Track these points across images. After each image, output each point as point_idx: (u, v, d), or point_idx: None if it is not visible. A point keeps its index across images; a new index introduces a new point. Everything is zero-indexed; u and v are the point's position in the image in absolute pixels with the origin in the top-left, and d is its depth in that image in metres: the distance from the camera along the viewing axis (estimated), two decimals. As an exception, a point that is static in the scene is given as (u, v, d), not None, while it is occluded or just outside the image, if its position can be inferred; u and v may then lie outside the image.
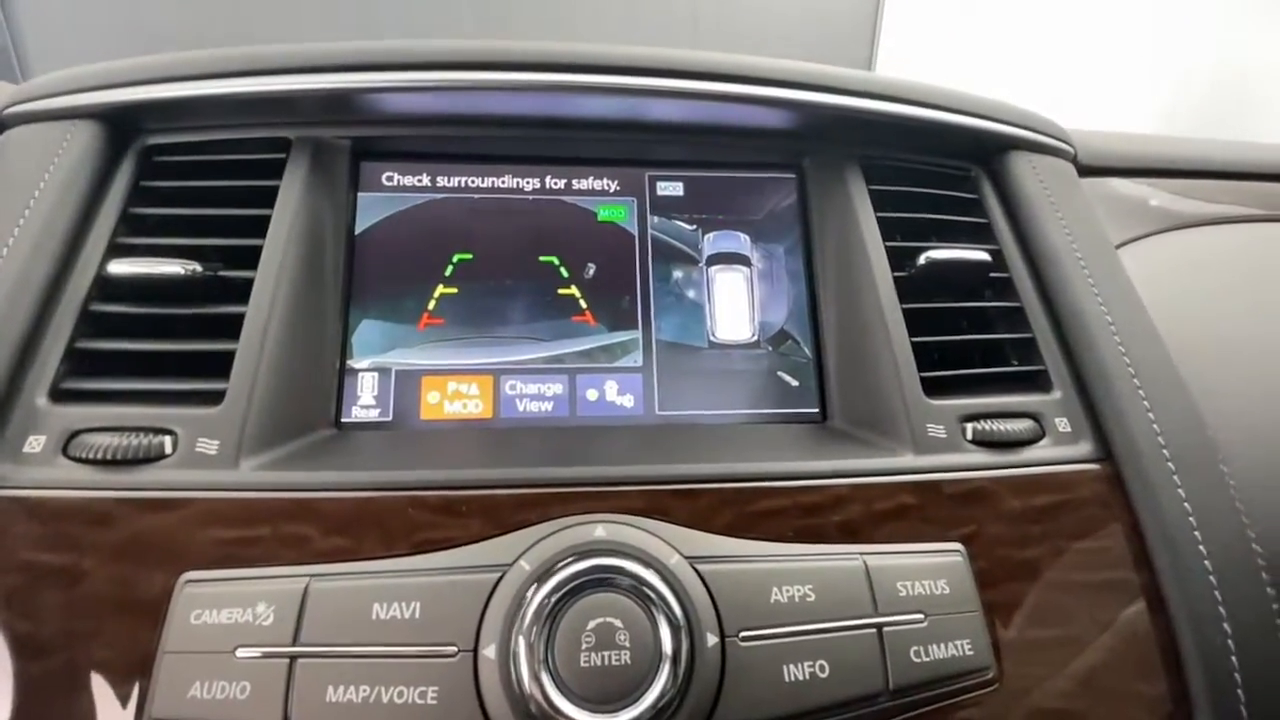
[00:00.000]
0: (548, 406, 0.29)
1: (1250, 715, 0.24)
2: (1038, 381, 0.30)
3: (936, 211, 0.33)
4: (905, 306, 0.29)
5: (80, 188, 0.28)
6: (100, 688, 0.20)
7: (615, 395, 0.29)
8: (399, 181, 0.31)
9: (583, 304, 0.30)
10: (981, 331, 0.31)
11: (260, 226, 0.28)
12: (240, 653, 0.20)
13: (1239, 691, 0.24)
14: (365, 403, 0.28)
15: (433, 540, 0.23)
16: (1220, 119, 1.02)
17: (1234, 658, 0.24)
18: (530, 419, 0.29)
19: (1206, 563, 0.25)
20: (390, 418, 0.28)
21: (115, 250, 0.27)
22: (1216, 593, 0.25)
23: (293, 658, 0.20)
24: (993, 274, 0.32)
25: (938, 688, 0.22)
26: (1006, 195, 0.34)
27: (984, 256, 0.31)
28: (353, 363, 0.29)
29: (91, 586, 0.21)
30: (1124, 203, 0.43)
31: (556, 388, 0.29)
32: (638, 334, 0.30)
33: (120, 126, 0.30)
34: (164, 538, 0.22)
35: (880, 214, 0.31)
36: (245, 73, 0.29)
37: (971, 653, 0.22)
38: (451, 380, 0.29)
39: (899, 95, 0.32)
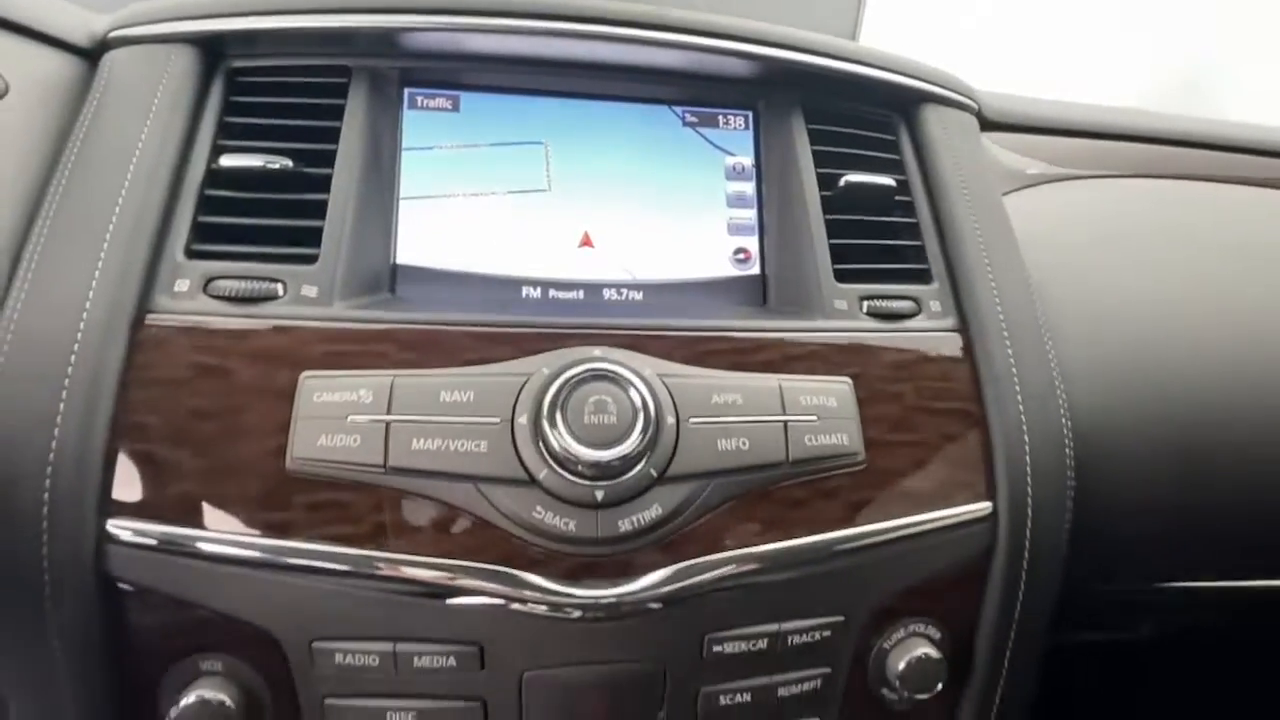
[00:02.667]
0: (572, 294, 0.38)
1: (1033, 499, 0.35)
2: (922, 276, 0.40)
3: (860, 147, 0.42)
4: (827, 217, 0.39)
5: (186, 101, 0.35)
6: (256, 441, 0.30)
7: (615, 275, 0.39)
8: (439, 104, 0.40)
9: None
10: (884, 238, 0.41)
11: (332, 135, 0.36)
12: (350, 418, 0.30)
13: (1028, 484, 0.35)
14: (418, 264, 0.37)
15: (475, 360, 0.32)
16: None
17: (1028, 460, 0.35)
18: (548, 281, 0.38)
19: (1019, 399, 0.36)
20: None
21: (218, 150, 0.35)
22: (1023, 418, 0.36)
23: (388, 423, 0.30)
24: (898, 197, 0.41)
25: (822, 464, 0.33)
26: (915, 138, 0.44)
27: (891, 182, 0.41)
28: (403, 237, 0.37)
29: (239, 379, 0.30)
30: (1018, 153, 0.53)
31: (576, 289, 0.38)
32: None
33: (210, 51, 0.37)
34: (285, 350, 0.31)
35: (815, 147, 0.41)
36: (312, 10, 0.37)
37: (847, 443, 0.33)
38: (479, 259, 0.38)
39: (836, 54, 0.41)
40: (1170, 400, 0.42)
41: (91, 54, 0.37)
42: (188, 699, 0.29)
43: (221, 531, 0.29)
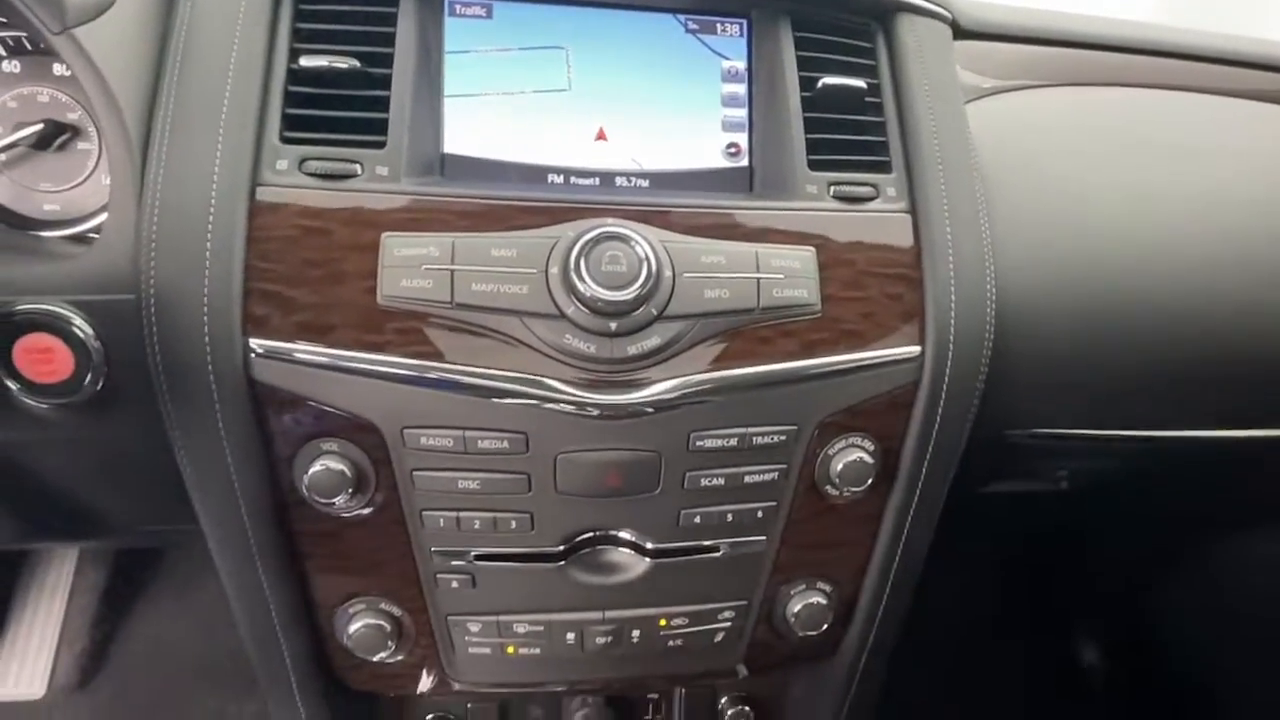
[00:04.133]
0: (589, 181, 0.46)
1: (954, 346, 0.44)
2: (883, 167, 0.47)
3: (839, 53, 0.49)
4: (806, 115, 0.46)
5: (265, 8, 0.42)
6: (353, 283, 0.39)
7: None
8: (474, 12, 0.46)
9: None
10: (853, 134, 0.48)
11: (389, 39, 0.43)
12: (424, 267, 0.39)
13: (951, 334, 0.44)
14: (462, 153, 0.45)
15: (516, 226, 0.41)
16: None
17: (953, 316, 0.44)
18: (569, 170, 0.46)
19: (951, 267, 0.45)
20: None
21: (295, 53, 0.42)
22: (952, 283, 0.44)
23: (452, 271, 0.39)
24: (869, 98, 0.48)
25: (786, 311, 0.42)
26: (890, 45, 0.50)
27: (863, 85, 0.47)
28: (448, 130, 0.45)
29: (336, 238, 0.39)
30: (989, 60, 0.59)
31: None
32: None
33: None
34: (368, 216, 0.40)
35: (799, 52, 0.47)
36: None
37: (807, 296, 0.42)
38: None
39: None
40: (1087, 275, 0.51)
41: None
42: (315, 469, 0.40)
43: (333, 348, 0.39)
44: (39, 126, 0.44)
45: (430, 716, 0.55)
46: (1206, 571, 1.05)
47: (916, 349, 0.44)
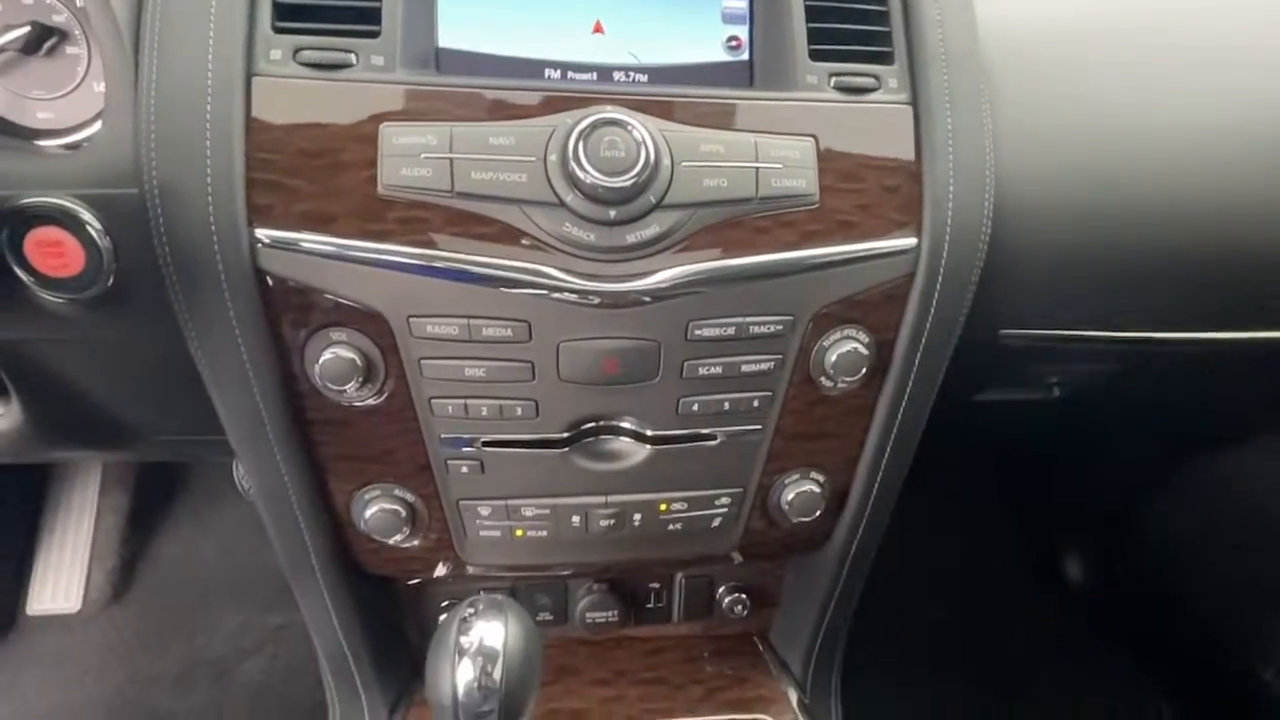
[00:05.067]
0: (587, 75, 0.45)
1: (950, 240, 0.45)
2: (885, 58, 0.47)
3: None
4: (807, 4, 0.45)
5: None
6: (353, 173, 0.39)
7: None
8: None
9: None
10: (856, 24, 0.47)
11: None
12: (423, 156, 0.39)
13: (948, 228, 0.44)
14: (457, 47, 0.44)
15: (513, 116, 0.41)
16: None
17: (950, 210, 0.44)
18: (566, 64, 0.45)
19: (950, 161, 0.44)
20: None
21: None
22: (951, 177, 0.44)
23: (451, 160, 0.39)
24: None
25: (783, 201, 0.42)
26: None
27: None
28: (442, 24, 0.44)
29: (334, 128, 0.39)
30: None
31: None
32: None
33: None
34: (365, 105, 0.40)
35: None
36: None
37: (805, 186, 0.42)
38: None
39: None
40: (1088, 173, 0.51)
41: None
42: (326, 357, 0.41)
43: (337, 237, 0.39)
44: (25, 29, 0.43)
45: (445, 604, 0.58)
46: (1192, 486, 1.09)
47: (912, 241, 0.45)
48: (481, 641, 0.32)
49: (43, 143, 0.46)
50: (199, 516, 1.34)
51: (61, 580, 1.24)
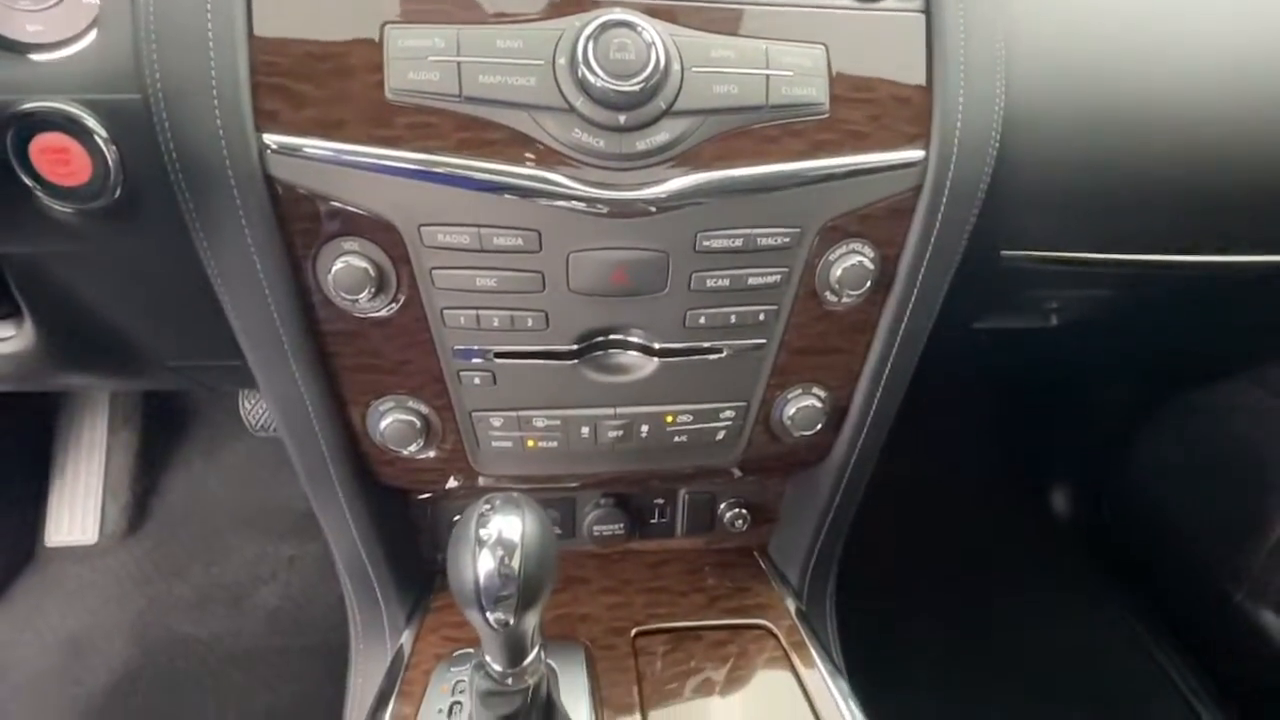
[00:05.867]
0: None
1: (958, 152, 0.45)
2: None
3: None
4: None
5: None
6: (360, 76, 0.39)
7: None
8: None
9: None
10: None
11: None
12: (430, 59, 0.39)
13: (956, 140, 0.44)
14: None
15: (520, 19, 0.40)
16: None
17: (959, 122, 0.44)
18: None
19: (962, 72, 0.44)
20: None
21: None
22: (961, 88, 0.44)
23: (459, 63, 0.39)
24: None
25: (793, 109, 0.42)
26: None
27: None
28: None
29: (337, 30, 0.38)
30: None
31: None
32: None
33: None
34: (368, 5, 0.39)
35: None
36: None
37: (815, 95, 0.42)
38: None
39: None
40: (1099, 91, 0.50)
41: None
42: (338, 266, 0.42)
43: (346, 143, 0.39)
44: None
45: (456, 518, 0.61)
46: (1181, 420, 1.12)
47: (921, 154, 0.45)
48: (500, 533, 0.34)
49: (35, 56, 0.45)
50: (207, 454, 1.37)
51: (77, 514, 1.28)
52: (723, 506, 0.64)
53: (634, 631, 0.57)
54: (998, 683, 1.04)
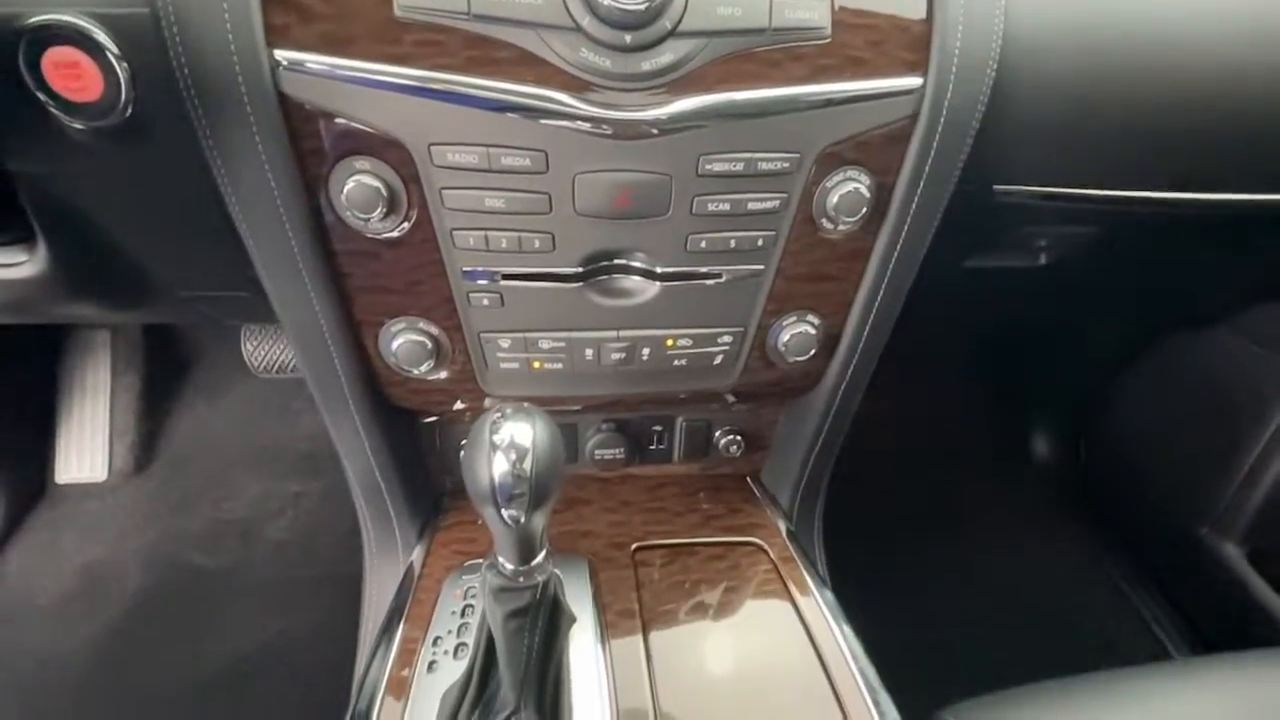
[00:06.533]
0: None
1: (955, 82, 0.46)
2: None
3: None
4: None
5: None
6: None
7: None
8: None
9: None
10: None
11: None
12: None
13: (953, 70, 0.45)
14: None
15: None
16: None
17: (957, 53, 0.45)
18: None
19: (962, 6, 0.44)
20: None
21: None
22: (961, 21, 0.45)
23: None
24: None
25: (796, 33, 0.43)
26: None
27: None
28: None
29: None
30: None
31: None
32: None
33: None
34: None
35: None
36: None
37: (817, 19, 0.43)
38: None
39: None
40: (1098, 22, 0.51)
41: None
42: (350, 185, 0.43)
43: (356, 60, 0.40)
44: None
45: (463, 442, 0.64)
46: (1158, 366, 1.15)
47: (919, 81, 0.46)
48: (513, 438, 0.36)
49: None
50: (210, 396, 1.39)
51: (85, 453, 1.30)
52: (718, 434, 0.67)
53: (634, 546, 0.60)
54: (968, 602, 1.11)
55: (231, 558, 1.22)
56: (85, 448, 1.31)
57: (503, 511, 0.36)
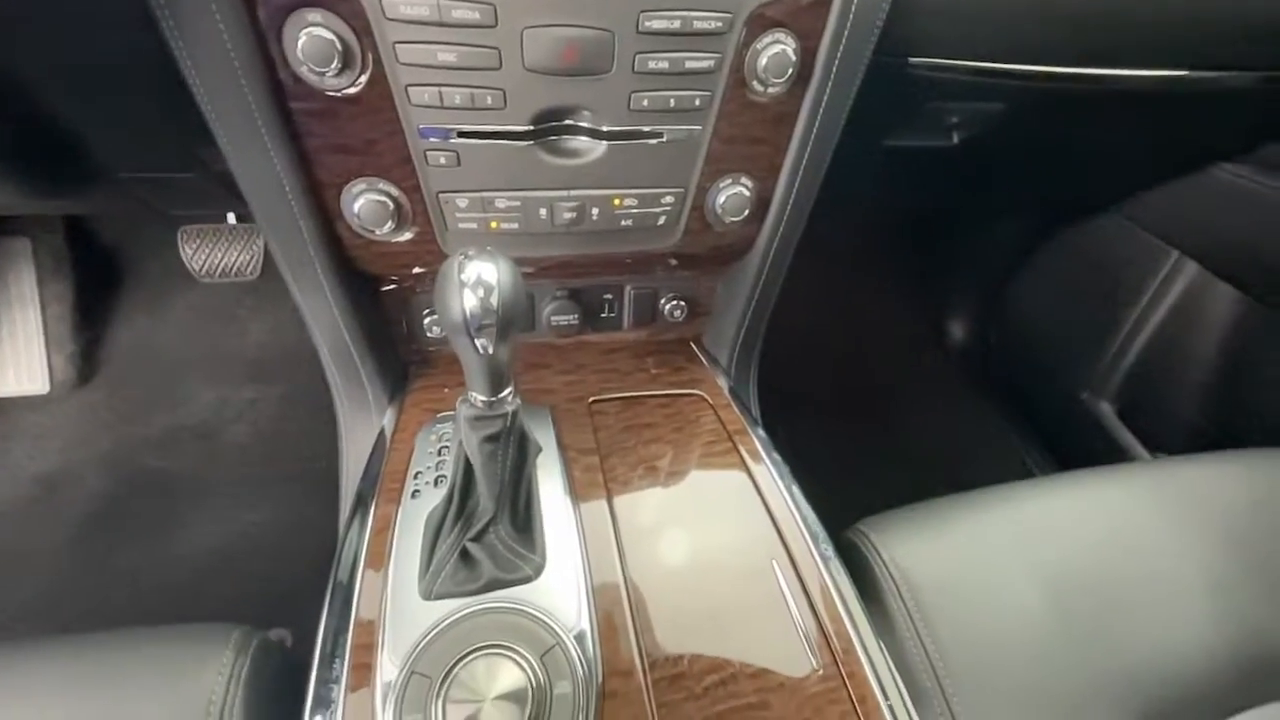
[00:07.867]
0: None
1: None
2: None
3: None
4: None
5: None
6: None
7: None
8: None
9: None
10: None
11: None
12: None
13: None
14: None
15: None
16: None
17: None
18: None
19: None
20: None
21: None
22: None
23: None
24: None
25: None
26: None
27: None
28: None
29: None
30: None
31: None
32: None
33: None
34: None
35: None
36: None
37: None
38: None
39: None
40: None
41: None
42: (303, 39, 0.44)
43: None
44: None
45: (426, 310, 0.68)
46: (1056, 253, 1.28)
47: None
48: (479, 275, 0.41)
49: None
50: (150, 307, 1.36)
51: (22, 365, 1.27)
52: (663, 300, 0.73)
53: (590, 399, 0.67)
54: (882, 452, 1.26)
55: (192, 461, 1.24)
56: (21, 359, 1.27)
57: (475, 340, 0.41)
